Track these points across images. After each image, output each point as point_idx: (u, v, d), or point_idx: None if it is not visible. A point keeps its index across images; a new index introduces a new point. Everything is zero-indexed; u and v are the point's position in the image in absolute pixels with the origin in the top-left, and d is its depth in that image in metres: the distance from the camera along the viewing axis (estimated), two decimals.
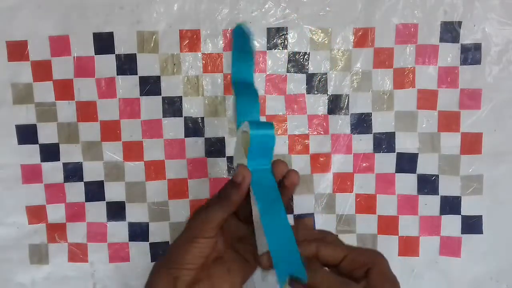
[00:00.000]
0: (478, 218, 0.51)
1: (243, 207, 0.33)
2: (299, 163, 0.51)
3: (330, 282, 0.31)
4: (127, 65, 0.51)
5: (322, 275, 0.31)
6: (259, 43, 0.50)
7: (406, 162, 0.51)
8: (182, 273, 0.32)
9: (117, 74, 0.51)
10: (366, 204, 0.51)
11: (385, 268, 0.33)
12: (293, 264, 0.29)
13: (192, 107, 0.51)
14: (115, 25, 0.50)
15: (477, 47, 0.49)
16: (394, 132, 0.51)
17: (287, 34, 0.50)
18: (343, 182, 0.51)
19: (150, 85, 0.51)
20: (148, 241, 0.52)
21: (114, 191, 0.52)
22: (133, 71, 0.51)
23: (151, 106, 0.51)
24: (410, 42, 0.50)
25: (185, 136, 0.51)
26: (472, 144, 0.50)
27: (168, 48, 0.50)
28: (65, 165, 0.52)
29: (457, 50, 0.50)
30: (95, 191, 0.52)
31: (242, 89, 0.36)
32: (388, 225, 0.51)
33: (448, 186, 0.51)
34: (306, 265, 0.30)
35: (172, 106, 0.51)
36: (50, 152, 0.52)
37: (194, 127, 0.51)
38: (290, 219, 0.51)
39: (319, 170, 0.51)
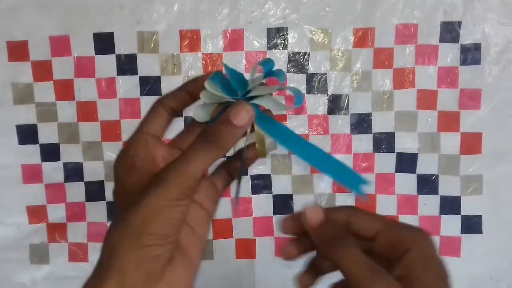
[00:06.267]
0: (478, 218, 0.51)
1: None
2: (299, 163, 0.51)
3: (359, 266, 0.25)
4: (127, 65, 0.51)
5: (351, 255, 0.25)
6: (259, 43, 0.50)
7: (406, 162, 0.51)
8: (159, 250, 0.24)
9: (117, 74, 0.51)
10: (366, 204, 0.51)
11: (427, 250, 0.27)
12: (350, 177, 0.26)
13: (192, 108, 0.51)
14: (115, 25, 0.50)
15: (476, 47, 0.49)
16: (394, 132, 0.51)
17: (287, 34, 0.50)
18: None
19: (150, 85, 0.51)
20: None
21: None
22: (133, 71, 0.51)
23: None
24: (410, 42, 0.50)
25: None
26: (472, 144, 0.50)
27: (168, 48, 0.50)
28: (65, 165, 0.52)
29: (456, 50, 0.50)
30: (95, 191, 0.52)
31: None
32: None
33: (447, 186, 0.51)
34: (337, 238, 0.26)
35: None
36: (50, 152, 0.52)
37: None
38: None
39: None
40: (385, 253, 0.27)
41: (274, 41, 0.50)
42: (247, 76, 0.27)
